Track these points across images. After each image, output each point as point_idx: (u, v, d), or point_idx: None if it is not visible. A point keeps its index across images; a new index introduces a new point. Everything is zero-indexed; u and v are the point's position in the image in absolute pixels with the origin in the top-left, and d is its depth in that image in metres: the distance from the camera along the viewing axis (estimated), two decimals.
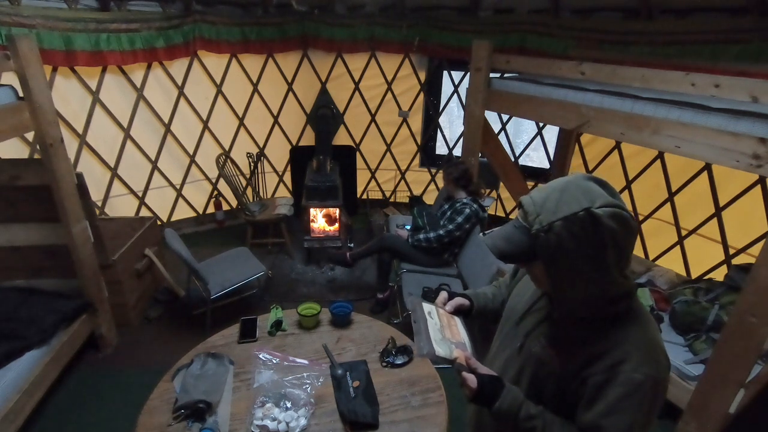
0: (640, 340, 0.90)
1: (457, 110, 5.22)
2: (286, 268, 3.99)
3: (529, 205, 0.88)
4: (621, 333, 0.91)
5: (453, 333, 1.11)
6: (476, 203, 3.12)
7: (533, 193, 0.91)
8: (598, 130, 2.53)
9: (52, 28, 3.24)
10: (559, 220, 0.83)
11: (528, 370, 1.03)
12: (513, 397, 0.97)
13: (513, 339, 1.10)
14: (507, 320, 1.16)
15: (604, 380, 0.89)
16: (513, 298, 1.18)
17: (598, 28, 3.73)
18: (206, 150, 4.49)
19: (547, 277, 0.90)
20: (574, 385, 0.94)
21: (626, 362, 0.87)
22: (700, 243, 3.44)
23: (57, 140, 2.39)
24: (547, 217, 0.84)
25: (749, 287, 1.84)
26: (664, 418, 2.45)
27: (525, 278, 1.17)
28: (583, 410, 0.93)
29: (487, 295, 1.33)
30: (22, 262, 2.73)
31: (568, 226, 0.83)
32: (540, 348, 1.00)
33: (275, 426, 1.45)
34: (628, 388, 0.87)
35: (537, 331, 1.03)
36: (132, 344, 3.01)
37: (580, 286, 0.88)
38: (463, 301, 1.23)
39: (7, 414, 2.04)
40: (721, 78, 2.03)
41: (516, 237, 0.89)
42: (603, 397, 0.88)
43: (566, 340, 0.97)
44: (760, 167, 1.80)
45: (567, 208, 0.83)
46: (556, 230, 0.83)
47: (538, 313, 1.05)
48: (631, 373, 0.87)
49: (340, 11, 4.46)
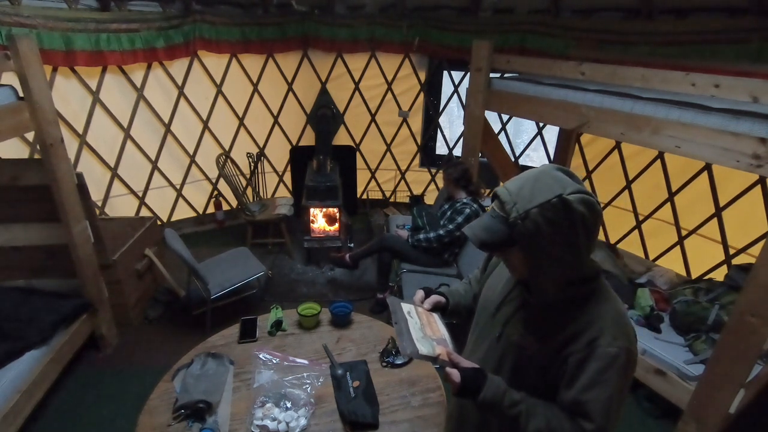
0: (610, 316, 0.96)
1: (457, 110, 5.23)
2: (286, 268, 3.99)
3: (505, 195, 0.92)
4: (593, 311, 0.97)
5: (433, 330, 1.15)
6: (476, 203, 3.12)
7: (507, 185, 0.95)
8: (598, 130, 2.53)
9: (52, 28, 3.24)
10: (534, 207, 0.88)
11: (508, 358, 1.07)
12: (496, 386, 1.00)
13: (490, 330, 1.13)
14: (482, 312, 1.19)
15: (583, 357, 0.94)
16: (486, 292, 1.22)
17: (598, 28, 3.73)
18: (206, 150, 4.49)
19: (525, 263, 0.95)
20: (555, 367, 0.98)
21: (601, 337, 0.93)
22: (700, 243, 3.44)
23: (57, 140, 2.39)
24: (523, 205, 0.89)
25: (749, 287, 1.84)
26: (664, 418, 2.45)
27: (495, 271, 1.22)
28: (564, 389, 0.97)
29: (460, 291, 1.37)
30: (22, 262, 2.73)
31: (543, 213, 0.87)
32: (518, 336, 1.04)
33: (275, 426, 1.45)
34: (605, 361, 0.92)
35: (514, 320, 1.06)
36: (132, 344, 3.01)
37: (556, 268, 0.93)
38: (439, 298, 1.28)
39: (7, 414, 2.04)
40: (721, 78, 2.03)
41: (494, 227, 0.93)
42: (583, 372, 0.94)
43: (543, 325, 1.01)
44: (760, 167, 1.80)
45: (541, 195, 0.88)
46: (532, 217, 0.88)
47: (513, 303, 1.08)
48: (606, 347, 0.92)
49: (340, 11, 4.46)
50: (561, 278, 0.95)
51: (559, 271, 0.93)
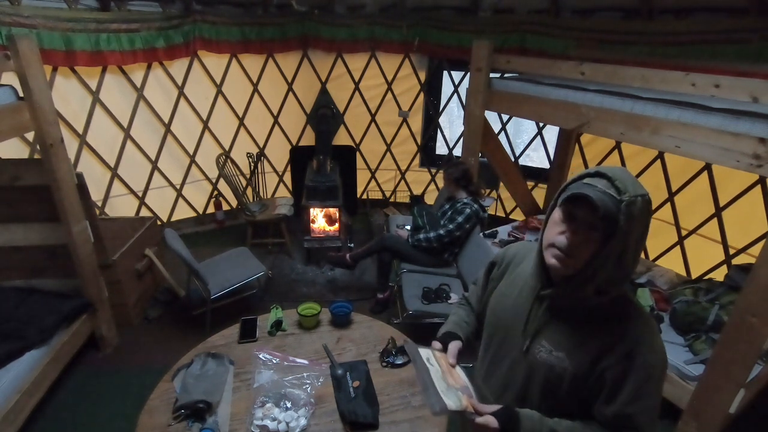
0: (642, 327, 0.95)
1: (457, 110, 5.22)
2: (286, 268, 3.99)
3: (618, 177, 0.90)
4: (624, 323, 0.95)
5: (454, 378, 1.08)
6: (477, 203, 3.12)
7: (606, 168, 0.93)
8: (598, 130, 2.53)
9: (52, 28, 3.24)
10: (640, 196, 0.88)
11: (538, 375, 1.03)
12: (529, 418, 0.97)
13: (511, 347, 1.09)
14: (497, 331, 1.14)
15: (621, 371, 0.92)
16: (495, 309, 1.16)
17: (598, 28, 3.73)
18: (206, 150, 4.49)
19: (594, 252, 0.90)
20: (590, 382, 0.96)
21: (639, 350, 0.92)
22: (700, 243, 3.44)
23: (57, 140, 2.39)
24: (633, 191, 0.88)
25: (749, 287, 1.84)
26: (664, 419, 2.45)
27: (503, 286, 1.16)
28: (604, 404, 0.95)
29: (465, 320, 1.31)
30: (22, 262, 2.73)
31: (643, 204, 0.88)
32: (547, 353, 1.01)
33: (275, 426, 1.45)
34: (645, 373, 0.91)
35: (540, 337, 1.03)
36: (132, 344, 3.01)
37: (622, 262, 0.91)
38: (458, 345, 1.17)
39: (7, 414, 2.04)
40: (721, 78, 2.03)
41: (607, 200, 0.88)
42: (624, 386, 0.92)
43: (573, 339, 0.99)
44: (760, 167, 1.80)
45: (640, 189, 0.89)
46: (639, 204, 0.88)
47: (536, 320, 1.04)
48: (646, 359, 0.92)
49: (340, 11, 4.46)
50: (622, 274, 0.92)
51: (615, 272, 0.91)
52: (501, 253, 1.24)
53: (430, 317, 2.78)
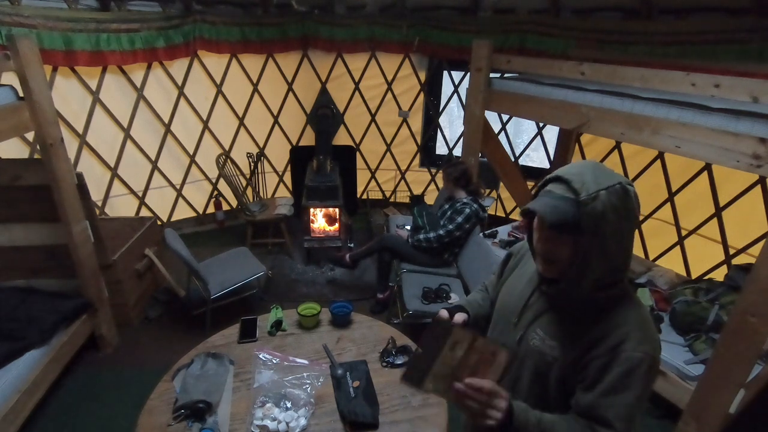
0: (636, 321, 0.94)
1: (457, 110, 5.23)
2: (286, 268, 3.99)
3: (572, 176, 0.91)
4: (618, 316, 0.95)
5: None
6: (476, 203, 3.12)
7: (565, 170, 0.94)
8: (598, 130, 2.53)
9: (52, 28, 3.24)
10: (603, 190, 0.88)
11: (529, 362, 1.05)
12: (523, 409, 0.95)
13: (509, 335, 1.12)
14: (500, 318, 1.18)
15: (606, 362, 0.92)
16: (503, 296, 1.21)
17: (598, 28, 3.73)
18: (206, 150, 4.49)
19: (575, 254, 0.91)
20: (577, 371, 0.96)
21: (626, 342, 0.91)
22: (700, 243, 3.44)
23: (57, 140, 2.39)
24: (592, 187, 0.88)
25: (749, 287, 1.84)
26: (664, 419, 2.45)
27: (513, 275, 1.21)
28: (582, 392, 0.95)
29: (478, 301, 1.36)
30: (22, 262, 2.73)
31: (609, 197, 0.87)
32: (539, 341, 1.03)
33: (275, 426, 1.45)
34: (628, 366, 0.90)
35: (535, 325, 1.05)
36: (132, 344, 3.01)
37: (603, 263, 0.91)
38: (464, 316, 1.19)
39: (7, 414, 2.04)
40: (721, 78, 2.03)
41: (562, 206, 0.90)
42: (604, 377, 0.91)
43: (566, 330, 1.00)
44: (760, 167, 1.80)
45: (605, 181, 0.89)
46: (601, 198, 0.87)
47: (534, 307, 1.07)
48: (631, 353, 0.90)
49: (340, 11, 4.45)
50: (607, 269, 0.92)
51: (605, 267, 0.91)
52: (519, 246, 1.28)
53: (430, 317, 2.78)
